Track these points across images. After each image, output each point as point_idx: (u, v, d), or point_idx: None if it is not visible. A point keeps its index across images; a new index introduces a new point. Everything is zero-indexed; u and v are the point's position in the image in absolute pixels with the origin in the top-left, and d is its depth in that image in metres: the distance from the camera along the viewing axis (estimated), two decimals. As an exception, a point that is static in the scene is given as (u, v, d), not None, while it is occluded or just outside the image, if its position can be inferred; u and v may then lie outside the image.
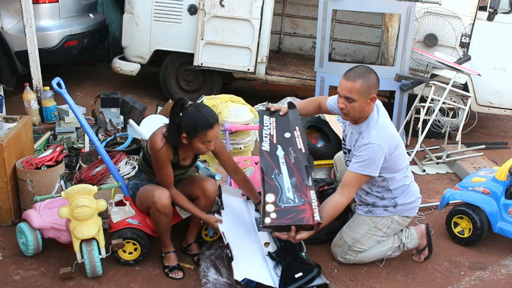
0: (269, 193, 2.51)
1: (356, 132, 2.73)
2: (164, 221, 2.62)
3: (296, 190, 2.53)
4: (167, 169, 2.60)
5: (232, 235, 2.62)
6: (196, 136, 2.49)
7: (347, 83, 2.58)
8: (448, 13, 4.82)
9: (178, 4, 5.00)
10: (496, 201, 3.11)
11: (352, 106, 2.60)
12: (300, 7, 6.63)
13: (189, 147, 2.60)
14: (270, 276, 2.51)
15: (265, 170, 2.61)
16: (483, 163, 4.38)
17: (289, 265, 2.54)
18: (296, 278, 2.47)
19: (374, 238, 2.82)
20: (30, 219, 2.70)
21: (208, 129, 2.47)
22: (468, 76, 4.68)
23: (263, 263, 2.59)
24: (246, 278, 2.39)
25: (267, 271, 2.55)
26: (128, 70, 5.26)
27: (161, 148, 2.51)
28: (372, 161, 2.59)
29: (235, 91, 4.56)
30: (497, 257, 3.10)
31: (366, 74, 2.59)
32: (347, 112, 2.64)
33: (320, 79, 4.87)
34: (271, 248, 2.67)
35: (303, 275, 2.48)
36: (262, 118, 2.91)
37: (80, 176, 3.03)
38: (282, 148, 2.72)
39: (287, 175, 2.59)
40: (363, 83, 2.55)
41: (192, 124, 2.46)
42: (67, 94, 2.86)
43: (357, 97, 2.56)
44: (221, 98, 3.69)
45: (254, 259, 2.60)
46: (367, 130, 2.65)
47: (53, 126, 4.21)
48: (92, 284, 2.56)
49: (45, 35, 4.79)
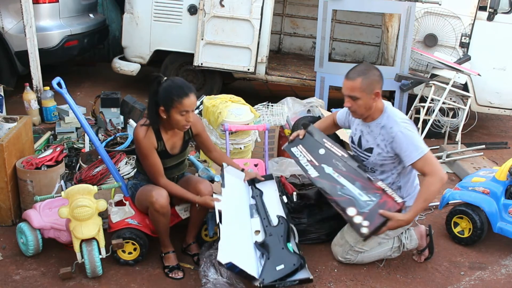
0: (348, 208, 2.58)
1: (376, 127, 2.75)
2: (162, 222, 2.62)
3: (366, 191, 2.62)
4: (152, 158, 2.59)
5: (226, 216, 2.61)
6: (173, 107, 2.50)
7: (348, 83, 2.65)
8: (448, 13, 4.82)
9: (178, 4, 5.00)
10: (496, 201, 3.11)
11: (357, 104, 2.66)
12: (300, 7, 6.63)
13: (170, 126, 2.61)
14: (255, 265, 2.49)
15: (330, 192, 2.67)
16: (483, 163, 4.39)
17: (272, 256, 2.51)
18: (277, 270, 2.45)
19: (376, 239, 2.82)
20: (30, 219, 2.70)
21: (184, 97, 2.49)
22: (468, 76, 4.68)
23: (251, 251, 2.57)
24: (230, 262, 2.34)
25: (253, 259, 2.53)
26: (128, 70, 5.26)
27: (141, 134, 2.55)
28: (417, 139, 2.65)
29: (235, 91, 4.56)
30: (497, 257, 3.10)
31: (366, 71, 2.64)
32: (354, 110, 2.70)
33: (320, 79, 4.87)
34: (260, 237, 2.63)
35: (285, 267, 2.46)
36: (291, 153, 2.95)
37: (80, 176, 3.04)
38: (327, 165, 2.78)
39: (349, 184, 2.67)
40: (363, 80, 2.61)
41: (168, 95, 2.49)
42: (68, 94, 2.86)
43: (360, 95, 2.62)
44: (221, 98, 3.69)
45: (242, 245, 2.58)
46: (390, 120, 2.70)
47: (53, 126, 4.22)
48: (92, 284, 2.56)
49: (45, 35, 4.79)
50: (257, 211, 2.77)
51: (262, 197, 2.86)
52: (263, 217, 2.73)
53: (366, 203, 2.58)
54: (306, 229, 3.04)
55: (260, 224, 2.71)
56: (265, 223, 2.69)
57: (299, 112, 4.38)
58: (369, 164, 2.84)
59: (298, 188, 3.20)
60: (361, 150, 2.85)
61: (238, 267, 2.37)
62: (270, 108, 4.11)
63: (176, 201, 2.83)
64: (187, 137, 2.78)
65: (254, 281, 2.41)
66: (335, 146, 2.86)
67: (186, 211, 2.84)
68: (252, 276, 2.40)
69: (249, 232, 2.68)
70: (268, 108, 4.11)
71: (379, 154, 2.75)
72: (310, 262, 2.88)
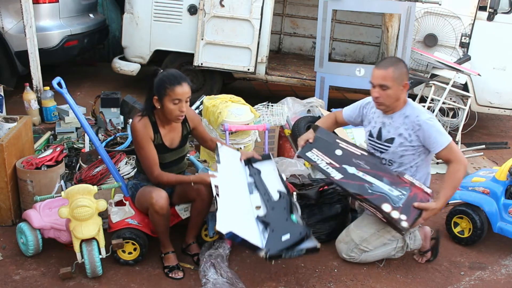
0: (383, 205, 2.58)
1: (399, 117, 2.79)
2: (162, 222, 2.62)
3: (396, 186, 2.65)
4: (148, 148, 2.60)
5: (224, 190, 2.55)
6: (165, 95, 2.52)
7: (380, 71, 2.69)
8: (448, 13, 4.82)
9: (178, 4, 5.00)
10: (496, 201, 3.11)
11: (387, 93, 2.69)
12: (300, 7, 6.63)
13: (166, 119, 2.63)
14: (259, 237, 2.42)
15: (360, 192, 2.64)
16: (483, 163, 4.39)
17: (277, 227, 2.46)
18: (283, 240, 2.39)
19: (381, 240, 2.83)
20: (30, 219, 2.70)
21: (176, 85, 2.51)
22: (468, 76, 4.68)
23: (253, 224, 2.50)
24: (231, 231, 2.27)
25: (256, 231, 2.45)
26: (128, 70, 5.27)
27: (137, 123, 2.57)
28: (441, 127, 2.75)
29: (235, 91, 4.56)
30: (497, 257, 3.10)
31: (396, 62, 2.72)
32: (382, 101, 2.73)
33: (320, 79, 4.87)
34: (261, 212, 2.58)
35: (291, 237, 2.40)
36: (307, 158, 2.86)
37: (80, 176, 3.04)
38: (349, 165, 2.76)
39: (377, 181, 2.68)
40: (395, 70, 2.66)
41: (161, 83, 2.53)
42: (68, 94, 2.86)
43: (391, 84, 2.67)
44: (221, 98, 3.69)
45: (243, 218, 2.52)
46: (416, 110, 2.75)
47: (53, 126, 4.22)
48: (92, 284, 2.56)
49: (45, 35, 4.79)
50: (256, 188, 2.71)
51: (260, 175, 2.80)
52: (263, 192, 2.67)
53: (398, 198, 2.60)
54: (306, 229, 3.03)
55: (260, 199, 2.65)
56: (266, 197, 2.63)
57: (299, 112, 4.38)
58: (387, 156, 2.85)
59: (298, 188, 3.20)
60: (381, 142, 2.86)
61: (240, 237, 2.28)
62: (270, 108, 4.11)
63: (176, 201, 2.83)
64: (186, 131, 2.78)
65: (259, 252, 2.32)
66: (350, 145, 2.87)
67: (186, 211, 2.84)
68: (256, 246, 2.32)
69: (249, 208, 2.61)
70: (268, 108, 4.11)
71: (401, 144, 2.78)
72: (310, 262, 2.89)
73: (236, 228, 2.30)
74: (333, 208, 3.11)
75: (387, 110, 2.80)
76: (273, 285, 2.66)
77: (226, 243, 2.83)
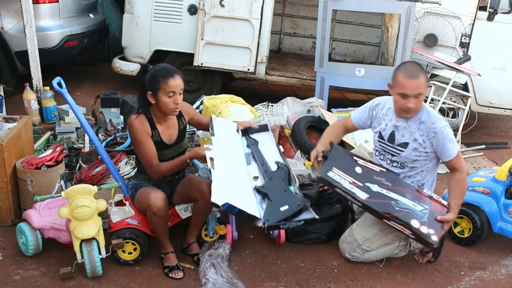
0: (411, 221, 2.55)
1: (414, 122, 2.77)
2: (160, 224, 2.62)
3: (418, 200, 2.66)
4: (147, 144, 2.60)
5: (219, 162, 2.51)
6: (159, 89, 2.53)
7: (415, 82, 2.62)
8: (448, 13, 4.82)
9: (178, 4, 5.00)
10: (496, 201, 3.11)
11: (419, 100, 2.69)
12: (300, 7, 6.63)
13: (162, 115, 2.63)
14: (257, 207, 2.40)
15: (387, 210, 2.59)
16: (483, 163, 4.39)
17: (275, 198, 2.44)
18: (282, 211, 2.37)
19: (384, 239, 2.83)
20: (30, 219, 2.70)
21: (169, 77, 2.53)
22: (468, 76, 4.68)
23: (251, 195, 2.47)
24: (227, 202, 2.24)
25: (254, 202, 2.43)
26: (128, 70, 5.26)
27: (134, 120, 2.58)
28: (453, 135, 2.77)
29: (235, 91, 4.55)
30: (497, 257, 3.10)
31: (420, 67, 2.72)
32: (416, 109, 2.71)
33: (320, 79, 4.87)
34: (259, 182, 2.56)
35: (289, 208, 2.39)
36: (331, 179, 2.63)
37: (80, 176, 3.04)
38: (371, 183, 2.70)
39: (401, 197, 2.66)
40: (424, 76, 2.66)
41: (153, 77, 2.55)
42: (68, 94, 2.86)
43: (424, 91, 2.68)
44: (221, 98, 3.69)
45: (240, 189, 2.49)
46: (431, 116, 2.74)
47: (53, 126, 4.22)
48: (92, 284, 2.56)
49: (45, 35, 4.79)
50: (254, 159, 2.67)
51: (258, 146, 2.77)
52: (260, 163, 2.64)
53: (422, 212, 2.60)
54: (306, 229, 3.04)
55: (258, 170, 2.63)
56: (264, 168, 2.60)
57: (299, 112, 4.38)
58: (399, 159, 2.83)
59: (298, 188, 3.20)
60: (393, 145, 2.84)
61: (237, 207, 2.26)
62: (270, 108, 4.11)
63: (177, 201, 2.83)
64: (182, 126, 2.79)
65: (257, 222, 2.31)
66: (366, 161, 2.82)
67: (186, 211, 2.84)
68: (253, 216, 2.30)
69: (247, 178, 2.58)
70: (268, 108, 4.11)
71: (415, 149, 2.77)
72: (310, 262, 2.89)
73: (232, 199, 2.27)
74: (333, 208, 3.11)
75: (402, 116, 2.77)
76: (273, 285, 2.66)
77: (226, 243, 2.83)
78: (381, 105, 2.91)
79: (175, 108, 2.60)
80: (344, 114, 4.42)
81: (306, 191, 3.14)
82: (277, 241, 3.03)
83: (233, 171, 2.59)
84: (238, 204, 2.27)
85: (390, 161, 2.88)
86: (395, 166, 2.86)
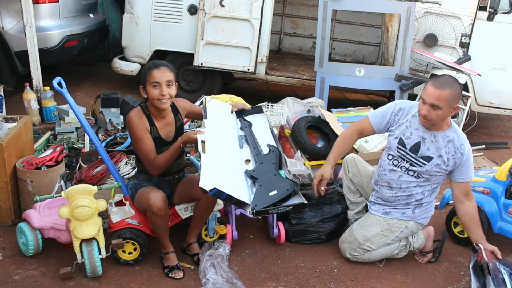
0: None
1: (443, 139, 2.72)
2: (160, 224, 2.62)
3: None
4: (146, 139, 2.60)
5: (210, 146, 2.49)
6: (146, 81, 2.59)
7: (436, 91, 2.56)
8: (448, 13, 4.82)
9: (178, 4, 5.00)
10: (496, 201, 3.11)
11: (436, 114, 2.59)
12: (300, 7, 6.63)
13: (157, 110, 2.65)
14: (247, 193, 2.39)
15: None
16: (483, 163, 4.39)
17: (264, 183, 2.43)
18: (270, 196, 2.37)
19: (384, 239, 2.83)
20: (30, 219, 2.70)
21: (153, 68, 2.57)
22: (468, 76, 4.68)
23: (241, 179, 2.47)
24: (215, 188, 2.23)
25: (244, 187, 2.42)
26: (128, 70, 5.26)
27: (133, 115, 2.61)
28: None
29: (235, 91, 4.56)
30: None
31: (454, 84, 2.59)
32: (430, 119, 2.64)
33: (320, 79, 4.87)
34: (250, 166, 2.55)
35: (278, 193, 2.38)
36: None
37: (80, 176, 3.04)
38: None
39: None
40: (451, 92, 2.55)
41: (143, 71, 2.62)
42: (68, 94, 2.86)
43: (443, 105, 2.56)
44: (221, 98, 3.69)
45: (231, 174, 2.48)
46: (461, 137, 2.73)
47: (53, 126, 4.22)
48: (92, 284, 2.56)
49: (45, 35, 4.79)
50: (247, 142, 2.67)
51: (251, 128, 2.77)
52: (253, 146, 2.63)
53: None
54: (306, 229, 3.04)
55: (250, 153, 2.63)
56: (255, 152, 2.60)
57: (299, 112, 4.38)
58: (419, 170, 2.77)
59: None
60: (415, 156, 2.76)
61: (225, 193, 2.26)
62: (270, 108, 4.11)
63: (177, 201, 2.83)
64: (179, 122, 2.79)
65: (245, 207, 2.32)
66: None
67: (186, 211, 2.84)
68: (242, 201, 2.30)
69: (239, 162, 2.58)
70: (268, 108, 4.11)
71: (438, 165, 2.73)
72: (310, 262, 2.89)
73: (220, 184, 2.26)
74: (333, 208, 3.11)
75: (431, 127, 2.72)
76: (273, 285, 2.66)
77: (226, 243, 2.83)
78: (405, 111, 2.80)
79: (160, 99, 2.58)
80: (344, 114, 4.42)
81: (306, 191, 3.14)
82: (277, 241, 3.04)
83: (225, 155, 2.58)
84: (227, 189, 2.26)
85: (405, 169, 2.80)
86: (410, 174, 2.79)
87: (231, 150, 2.65)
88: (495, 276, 2.47)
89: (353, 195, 3.10)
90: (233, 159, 2.60)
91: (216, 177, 2.34)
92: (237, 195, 2.29)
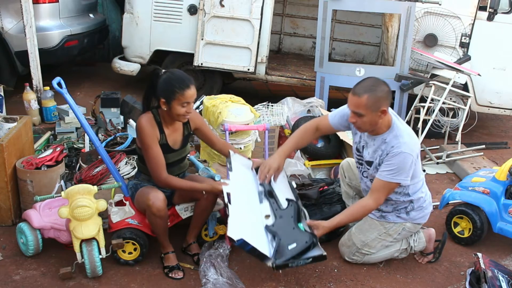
0: None
1: (380, 142, 2.66)
2: (160, 224, 2.61)
3: None
4: (155, 149, 2.58)
5: (235, 198, 2.57)
6: (174, 98, 2.51)
7: (354, 98, 2.54)
8: (448, 13, 4.82)
9: (178, 4, 5.00)
10: (496, 201, 3.11)
11: (362, 120, 2.56)
12: (300, 7, 6.63)
13: (170, 119, 2.63)
14: (267, 246, 2.44)
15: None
16: (483, 163, 4.39)
17: (284, 236, 2.47)
18: (290, 249, 2.41)
19: (383, 243, 2.83)
20: (30, 219, 2.70)
21: (186, 89, 2.51)
22: (468, 76, 4.68)
23: (262, 233, 2.52)
24: (242, 238, 2.29)
25: (265, 241, 2.47)
26: (128, 70, 5.26)
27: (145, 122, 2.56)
28: (403, 169, 2.58)
29: (235, 91, 4.55)
30: (497, 257, 3.10)
31: (374, 87, 2.52)
32: (359, 126, 2.62)
33: (320, 79, 4.87)
34: (270, 221, 2.60)
35: (297, 246, 2.43)
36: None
37: (80, 176, 3.04)
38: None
39: None
40: (369, 97, 2.49)
41: (169, 87, 2.51)
42: (68, 94, 2.86)
43: (364, 112, 2.52)
44: (221, 98, 3.69)
45: (253, 226, 2.54)
46: (395, 139, 2.60)
47: (53, 126, 4.22)
48: (92, 284, 2.56)
49: (45, 35, 4.79)
50: (266, 197, 2.72)
51: (271, 183, 2.81)
52: (272, 201, 2.68)
53: None
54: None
55: (269, 208, 2.67)
56: (275, 207, 2.64)
57: (299, 112, 4.39)
58: (369, 176, 2.77)
59: (298, 188, 3.21)
60: (363, 161, 2.78)
61: (250, 245, 2.31)
62: (270, 108, 4.11)
63: (177, 201, 2.83)
64: (187, 132, 2.78)
65: (266, 261, 2.35)
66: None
67: (186, 211, 2.84)
68: (264, 255, 2.34)
69: (259, 217, 2.63)
70: (268, 108, 4.11)
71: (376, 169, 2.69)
72: (310, 262, 2.89)
73: (246, 236, 2.33)
74: (333, 208, 3.11)
75: (371, 132, 2.68)
76: (273, 285, 2.66)
77: (226, 243, 2.83)
78: None
79: (186, 116, 2.60)
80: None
81: (306, 191, 3.14)
82: (277, 241, 3.03)
83: (248, 209, 2.65)
84: (252, 241, 2.33)
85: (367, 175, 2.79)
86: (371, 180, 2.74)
87: (253, 203, 2.72)
88: (492, 284, 2.47)
89: (352, 200, 3.10)
90: (255, 213, 2.66)
91: (243, 229, 2.41)
92: (260, 248, 2.36)
